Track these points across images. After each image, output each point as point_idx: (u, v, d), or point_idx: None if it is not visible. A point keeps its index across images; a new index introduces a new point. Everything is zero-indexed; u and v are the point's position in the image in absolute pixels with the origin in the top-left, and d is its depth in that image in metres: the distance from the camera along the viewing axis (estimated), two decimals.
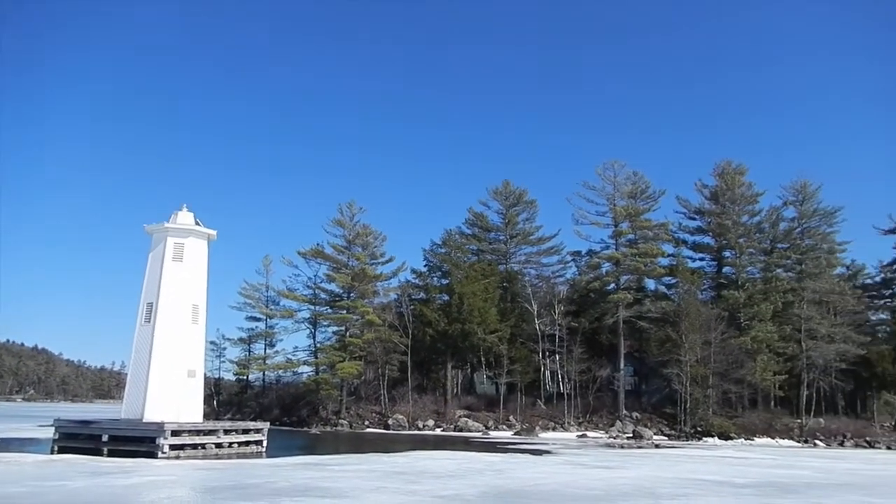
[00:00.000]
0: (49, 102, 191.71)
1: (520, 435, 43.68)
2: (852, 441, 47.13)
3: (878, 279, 72.75)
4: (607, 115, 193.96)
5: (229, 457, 23.94)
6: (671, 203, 60.94)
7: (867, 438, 47.91)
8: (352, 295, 54.13)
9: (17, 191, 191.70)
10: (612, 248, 55.25)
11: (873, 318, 67.13)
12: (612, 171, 55.42)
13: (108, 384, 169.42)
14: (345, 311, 53.33)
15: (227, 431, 26.42)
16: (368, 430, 47.92)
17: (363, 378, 54.40)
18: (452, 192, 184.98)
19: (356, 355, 51.81)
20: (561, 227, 65.20)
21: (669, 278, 56.24)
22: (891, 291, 70.99)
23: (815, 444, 45.06)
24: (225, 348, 62.19)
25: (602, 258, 55.89)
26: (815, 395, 53.61)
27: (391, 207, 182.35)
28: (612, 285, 54.54)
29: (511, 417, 48.78)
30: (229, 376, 64.55)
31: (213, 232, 28.25)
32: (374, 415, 51.11)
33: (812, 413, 51.70)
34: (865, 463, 28.65)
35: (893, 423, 58.71)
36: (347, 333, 53.44)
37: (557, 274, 63.40)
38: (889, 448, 45.15)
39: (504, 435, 43.42)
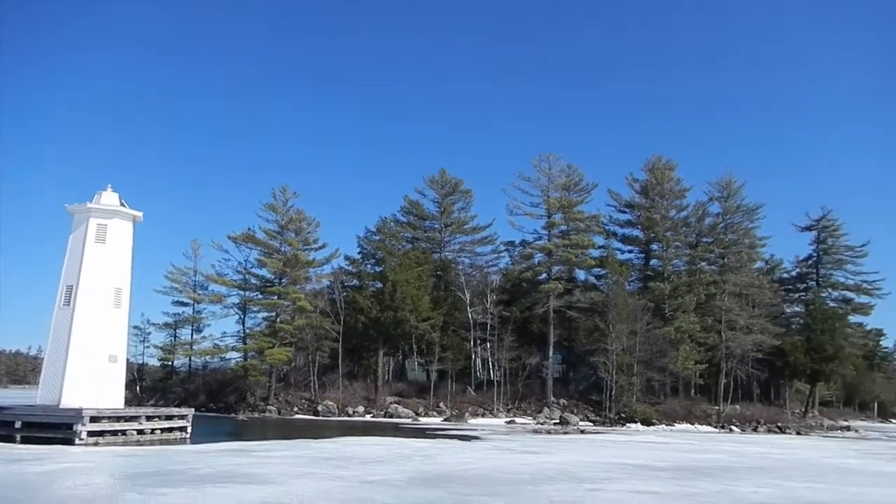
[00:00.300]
0: None
1: (449, 421, 44.05)
2: (765, 427, 49.50)
3: (793, 273, 76.56)
4: (544, 107, 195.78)
5: (151, 443, 23.30)
6: (603, 196, 62.20)
7: (779, 424, 50.45)
8: (283, 281, 53.31)
9: None
10: (545, 239, 56.09)
11: (788, 310, 70.66)
12: (548, 163, 56.22)
13: (24, 369, 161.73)
14: (276, 297, 52.48)
15: (149, 417, 25.67)
16: (297, 416, 47.43)
17: (293, 364, 53.78)
18: (388, 181, 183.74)
19: (286, 341, 51.12)
20: (496, 217, 65.97)
21: (599, 269, 57.55)
22: (805, 285, 74.83)
23: (731, 430, 47.07)
24: (150, 333, 60.37)
25: (535, 249, 56.73)
26: (732, 383, 56.08)
27: (326, 194, 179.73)
28: (544, 275, 55.44)
29: (441, 404, 49.14)
30: (154, 362, 62.79)
31: (139, 213, 27.32)
32: (303, 401, 50.62)
33: (729, 400, 54.07)
34: (776, 447, 30.10)
35: (803, 410, 62.06)
36: (278, 319, 52.64)
37: (491, 263, 64.14)
38: (798, 433, 47.62)
39: (434, 421, 43.71)
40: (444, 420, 44.73)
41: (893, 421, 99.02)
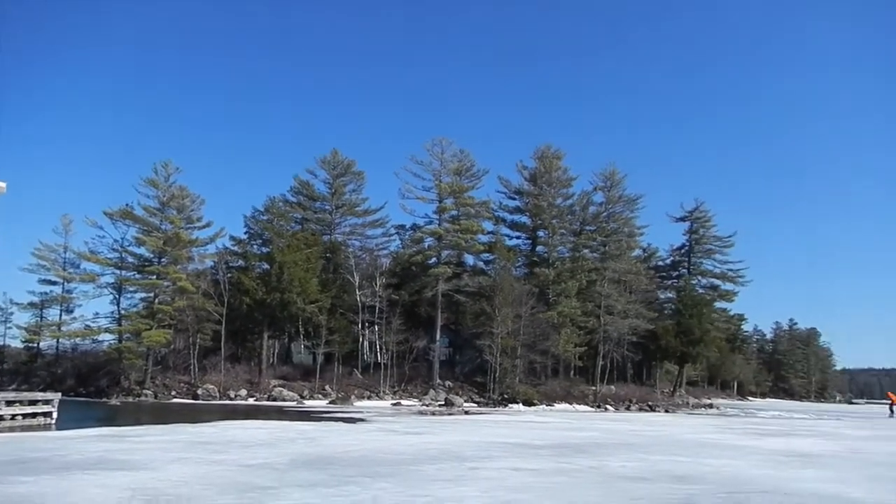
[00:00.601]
0: None
1: (335, 404, 43.77)
2: (637, 405, 52.42)
3: (668, 262, 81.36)
4: (437, 93, 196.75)
5: (12, 430, 21.71)
6: (494, 182, 63.58)
7: (650, 403, 53.59)
8: (163, 260, 50.91)
9: None
10: (436, 224, 56.54)
11: (662, 296, 75.03)
12: (440, 147, 56.58)
13: None
14: (155, 277, 50.06)
15: (9, 403, 23.90)
16: (175, 400, 45.61)
17: (172, 347, 51.67)
18: (278, 161, 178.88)
19: (165, 323, 48.97)
20: (388, 200, 65.70)
21: (488, 255, 58.71)
22: (678, 273, 79.64)
23: (606, 409, 49.48)
24: (12, 313, 56.40)
25: (425, 233, 57.07)
26: (608, 364, 59.03)
27: (211, 171, 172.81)
28: (434, 259, 55.94)
29: (327, 387, 48.72)
30: (17, 343, 58.54)
31: (2, 185, 25.19)
32: (182, 385, 48.73)
33: (605, 381, 56.88)
34: (646, 425, 31.88)
35: (672, 389, 66.17)
36: (157, 300, 50.27)
37: (381, 246, 64.02)
38: (667, 411, 50.71)
39: (319, 404, 43.28)
40: (330, 403, 44.40)
41: (750, 398, 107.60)
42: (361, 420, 28.67)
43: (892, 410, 58.31)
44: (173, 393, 47.54)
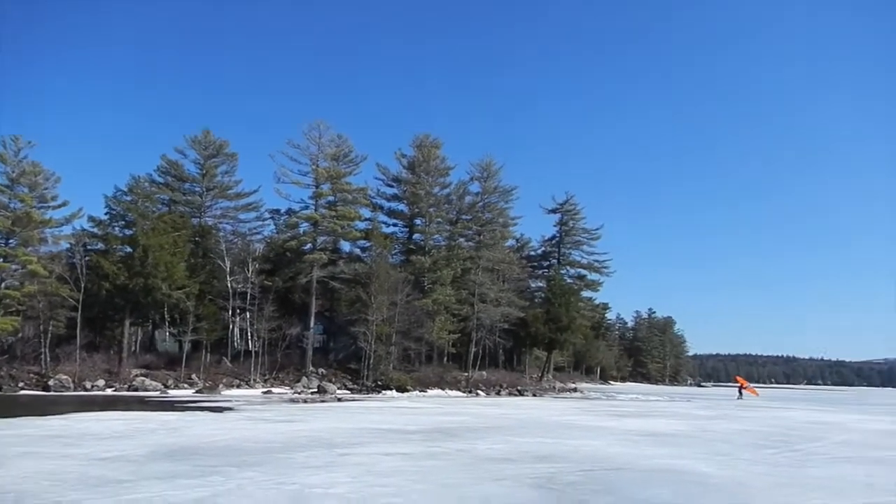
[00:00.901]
0: None
1: (202, 393, 42.14)
2: (507, 390, 54.16)
3: (539, 252, 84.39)
4: (312, 77, 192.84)
5: None
6: (372, 169, 63.33)
7: (518, 388, 55.52)
8: (11, 241, 46.75)
9: None
10: (312, 209, 55.48)
11: (533, 285, 77.78)
12: (318, 131, 55.43)
13: None
14: (1, 260, 45.94)
15: None
16: (24, 392, 42.18)
17: (20, 335, 47.69)
18: (145, 139, 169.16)
19: (13, 310, 45.06)
20: (262, 184, 63.65)
21: (364, 241, 58.36)
22: (548, 263, 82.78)
23: (477, 394, 50.76)
24: None
25: (301, 218, 55.88)
26: (481, 351, 60.58)
27: (69, 147, 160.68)
28: (309, 245, 54.93)
29: (194, 376, 46.79)
30: None
31: None
32: (31, 376, 45.02)
33: (477, 367, 58.35)
34: (514, 408, 33.06)
35: (540, 375, 68.82)
36: (3, 285, 46.17)
37: (255, 231, 61.96)
38: (534, 395, 52.78)
39: (185, 393, 41.53)
40: (196, 392, 42.70)
41: (611, 382, 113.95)
42: (229, 409, 27.83)
43: (740, 393, 63.64)
44: (21, 384, 43.85)
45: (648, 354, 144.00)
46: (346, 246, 59.67)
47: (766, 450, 16.40)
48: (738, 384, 69.26)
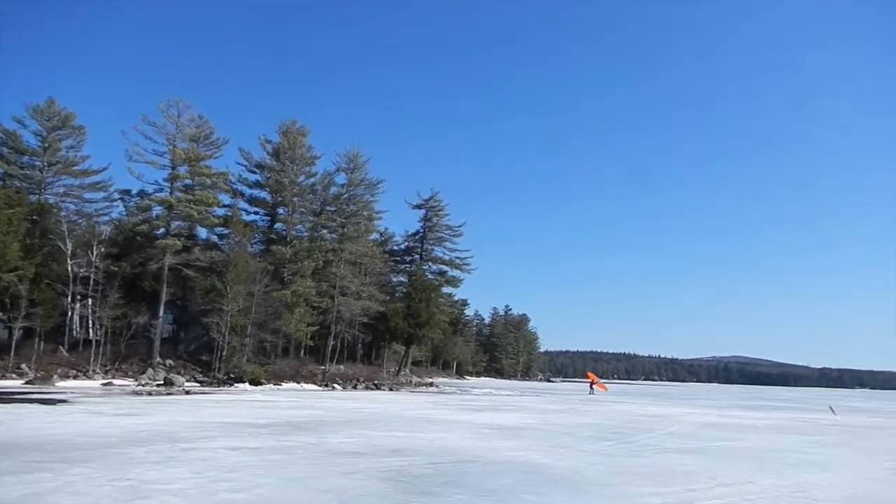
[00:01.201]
0: None
1: (33, 384, 38.90)
2: (364, 384, 54.22)
3: (403, 246, 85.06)
4: (182, 63, 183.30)
5: None
6: (234, 154, 60.87)
7: (375, 382, 55.76)
8: None
9: None
10: (167, 192, 52.56)
11: (394, 279, 78.38)
12: (177, 109, 52.51)
13: None
14: None
15: None
16: None
17: None
18: None
19: None
20: (112, 161, 59.28)
21: (223, 229, 56.14)
22: (411, 258, 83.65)
23: (333, 388, 50.42)
24: None
25: (154, 201, 52.76)
26: (339, 344, 60.26)
27: None
28: (162, 230, 52.04)
29: (24, 365, 43.05)
30: None
31: None
32: None
33: (335, 360, 58.01)
34: (370, 402, 33.23)
35: (397, 369, 69.46)
36: None
37: (102, 212, 57.47)
38: (391, 389, 53.17)
39: (13, 384, 38.17)
40: (27, 383, 39.35)
41: (467, 377, 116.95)
42: (63, 401, 25.96)
43: (591, 388, 67.35)
44: None
45: (503, 350, 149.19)
46: (202, 232, 57.04)
47: (605, 441, 17.60)
48: (589, 380, 73.20)
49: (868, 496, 10.60)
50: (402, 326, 64.03)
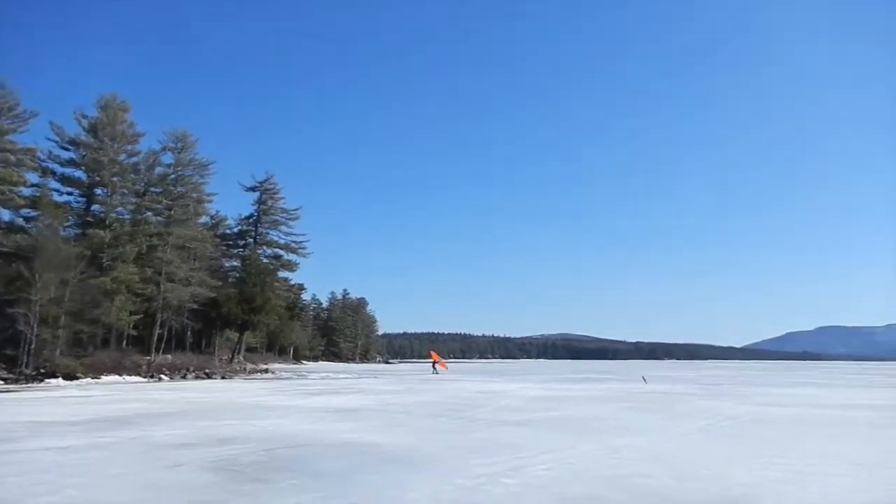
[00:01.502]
0: None
1: None
2: (195, 373, 52.00)
3: (235, 230, 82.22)
4: None
5: None
6: (44, 128, 55.20)
7: (207, 370, 53.67)
8: None
9: None
10: None
11: (227, 264, 75.65)
12: None
13: None
14: None
15: None
16: None
17: None
18: None
19: None
20: None
21: (30, 210, 51.17)
22: (245, 242, 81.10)
23: (160, 379, 47.92)
24: None
25: None
26: (167, 333, 57.31)
27: None
28: None
29: None
30: None
31: None
32: None
33: (162, 350, 55.11)
34: (200, 392, 32.07)
35: (230, 357, 67.40)
36: None
37: None
38: (224, 377, 51.46)
39: None
40: None
41: (304, 362, 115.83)
42: None
43: (434, 368, 68.95)
44: None
45: (341, 334, 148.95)
46: (5, 214, 51.67)
47: (440, 418, 18.34)
48: (432, 360, 75.05)
49: (670, 452, 12.03)
50: (236, 312, 62.03)
